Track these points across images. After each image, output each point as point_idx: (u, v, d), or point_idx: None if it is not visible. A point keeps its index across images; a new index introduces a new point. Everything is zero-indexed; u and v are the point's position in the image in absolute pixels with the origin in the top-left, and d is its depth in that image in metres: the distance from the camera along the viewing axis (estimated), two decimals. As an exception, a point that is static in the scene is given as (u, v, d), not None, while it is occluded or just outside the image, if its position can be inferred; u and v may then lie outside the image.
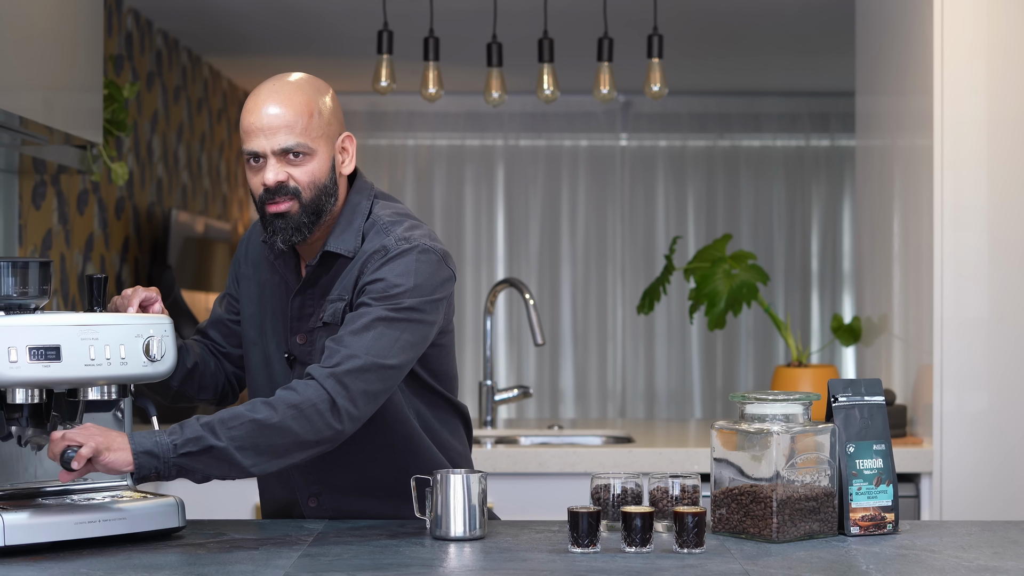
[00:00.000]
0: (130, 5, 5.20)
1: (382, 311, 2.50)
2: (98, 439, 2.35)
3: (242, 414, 2.42)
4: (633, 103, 7.59)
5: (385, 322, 2.49)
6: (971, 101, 3.76)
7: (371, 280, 2.54)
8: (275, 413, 2.42)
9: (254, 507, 3.81)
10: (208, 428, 2.40)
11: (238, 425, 2.41)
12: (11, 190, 3.92)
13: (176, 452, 2.38)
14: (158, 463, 2.37)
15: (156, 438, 2.38)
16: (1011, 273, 3.76)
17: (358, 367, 2.46)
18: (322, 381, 2.45)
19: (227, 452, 2.39)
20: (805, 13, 5.46)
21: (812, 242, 7.68)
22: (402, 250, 2.56)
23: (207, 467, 2.40)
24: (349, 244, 2.61)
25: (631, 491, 2.61)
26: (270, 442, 2.42)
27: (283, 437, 2.42)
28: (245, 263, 2.78)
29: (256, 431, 2.41)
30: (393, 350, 2.49)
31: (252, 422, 2.41)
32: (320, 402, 2.43)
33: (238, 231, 7.24)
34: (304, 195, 2.55)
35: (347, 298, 2.58)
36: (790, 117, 7.67)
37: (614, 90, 4.40)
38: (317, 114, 2.58)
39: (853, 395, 2.59)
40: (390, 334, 2.49)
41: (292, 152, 2.54)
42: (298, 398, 2.43)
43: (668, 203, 7.66)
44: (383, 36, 4.40)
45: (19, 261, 2.41)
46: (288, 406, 2.42)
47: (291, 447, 2.43)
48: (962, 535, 2.57)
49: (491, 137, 7.56)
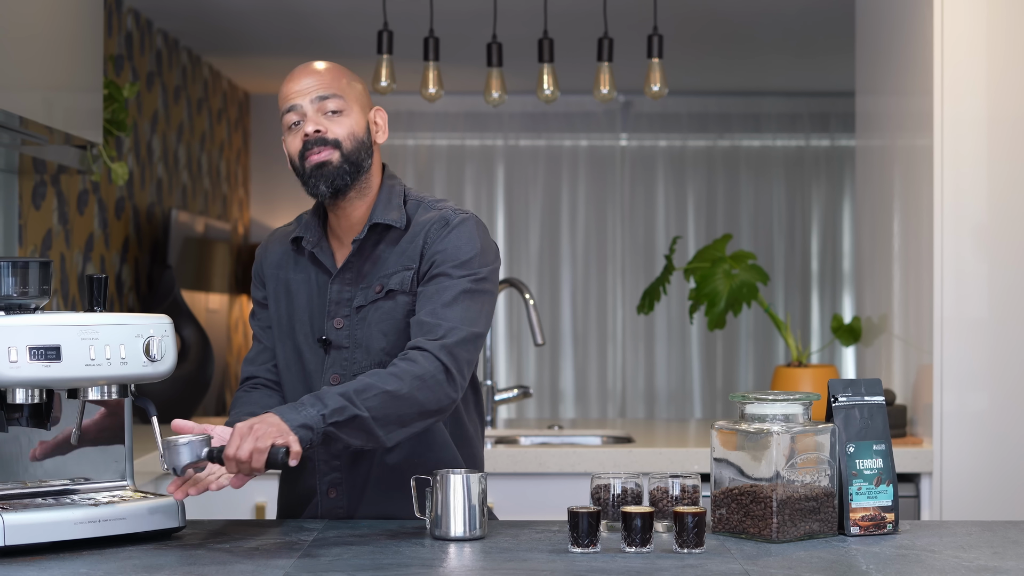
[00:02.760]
0: (130, 5, 5.20)
1: (465, 283, 2.63)
2: (271, 431, 2.39)
3: (373, 385, 2.50)
4: (633, 103, 7.59)
5: (468, 294, 2.62)
6: (971, 101, 3.76)
7: (442, 249, 2.66)
8: (403, 384, 2.51)
9: (254, 507, 3.81)
10: (347, 399, 2.47)
11: (372, 396, 2.48)
12: (11, 190, 3.92)
13: (325, 422, 2.44)
14: (312, 435, 2.43)
15: (302, 411, 2.44)
16: (1011, 273, 3.76)
17: (461, 338, 2.58)
18: (436, 353, 2.55)
19: (367, 422, 2.48)
20: (805, 13, 5.46)
21: (812, 242, 7.68)
22: (461, 220, 2.68)
23: (349, 436, 2.48)
24: (395, 216, 2.70)
25: (631, 491, 2.61)
26: (399, 412, 2.51)
27: (410, 407, 2.52)
28: (267, 266, 2.83)
29: (389, 401, 2.49)
30: (480, 319, 2.63)
31: (384, 393, 2.49)
32: (438, 372, 2.54)
33: (238, 231, 7.24)
34: (344, 145, 2.65)
35: (414, 267, 2.67)
36: (790, 117, 7.67)
37: (614, 90, 4.40)
38: (350, 80, 2.70)
39: (853, 395, 2.59)
40: (475, 304, 2.63)
41: (330, 105, 2.65)
42: (420, 369, 2.53)
43: (668, 203, 7.66)
44: (383, 36, 4.40)
45: (19, 261, 2.40)
46: (413, 377, 2.52)
47: (415, 416, 2.53)
48: (962, 535, 2.57)
49: (491, 137, 7.56)
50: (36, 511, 2.38)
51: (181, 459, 2.38)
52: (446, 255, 2.65)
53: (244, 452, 2.37)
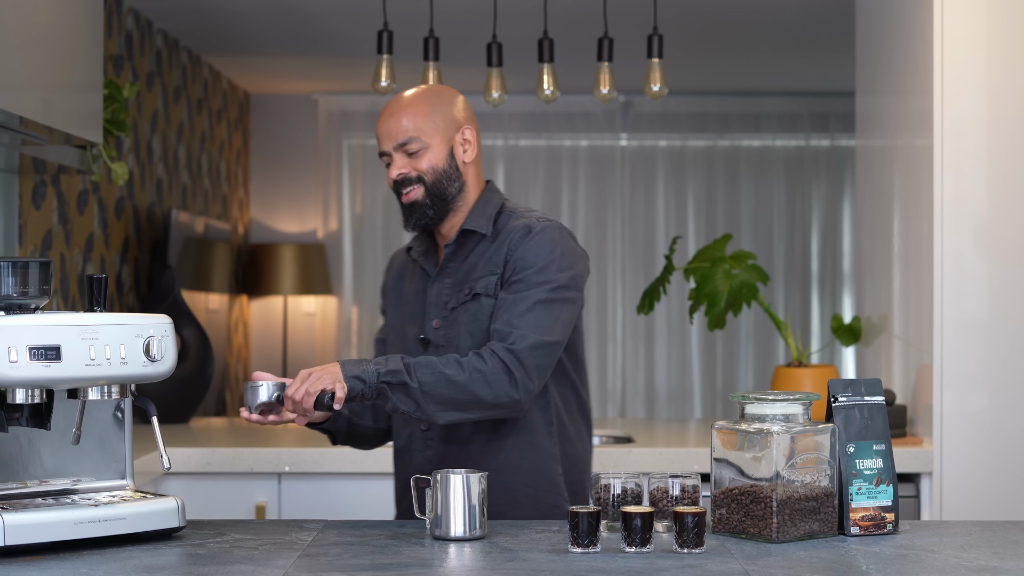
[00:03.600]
0: (130, 5, 5.20)
1: (541, 293, 2.85)
2: (326, 378, 2.74)
3: (435, 364, 2.78)
4: (633, 103, 7.59)
5: (544, 303, 2.84)
6: (971, 100, 3.76)
7: (522, 255, 2.89)
8: (462, 372, 2.77)
9: (254, 507, 3.82)
10: (407, 367, 2.77)
11: (429, 373, 2.77)
12: (11, 190, 3.92)
13: (379, 379, 2.75)
14: (364, 387, 2.75)
15: (364, 365, 2.76)
16: (1011, 273, 3.76)
17: (530, 344, 2.80)
18: (502, 355, 2.79)
19: (416, 393, 2.76)
20: (805, 13, 5.46)
21: (812, 242, 7.68)
22: (544, 227, 2.90)
23: (398, 400, 2.77)
24: (483, 224, 2.95)
25: (631, 491, 2.61)
26: (452, 395, 2.77)
27: (464, 395, 2.77)
28: (389, 279, 3.15)
29: (442, 383, 2.76)
30: (555, 327, 2.84)
31: (441, 375, 2.77)
32: (500, 371, 2.78)
33: (238, 231, 7.24)
34: (427, 179, 2.93)
35: (498, 272, 2.91)
36: (790, 117, 7.67)
37: (614, 90, 4.40)
38: (432, 111, 2.94)
39: (853, 395, 2.59)
40: (551, 313, 2.84)
41: (410, 148, 2.92)
42: (483, 364, 2.79)
43: (668, 203, 7.66)
44: (383, 36, 4.40)
45: (19, 261, 2.40)
46: (475, 370, 2.78)
47: (470, 404, 2.79)
48: (962, 535, 2.57)
49: (491, 137, 7.56)
50: (36, 511, 2.38)
51: (257, 398, 2.73)
52: (526, 261, 2.87)
53: (299, 394, 2.72)
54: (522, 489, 2.90)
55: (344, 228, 7.55)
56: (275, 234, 7.54)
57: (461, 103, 2.97)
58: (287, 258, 7.23)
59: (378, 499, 3.75)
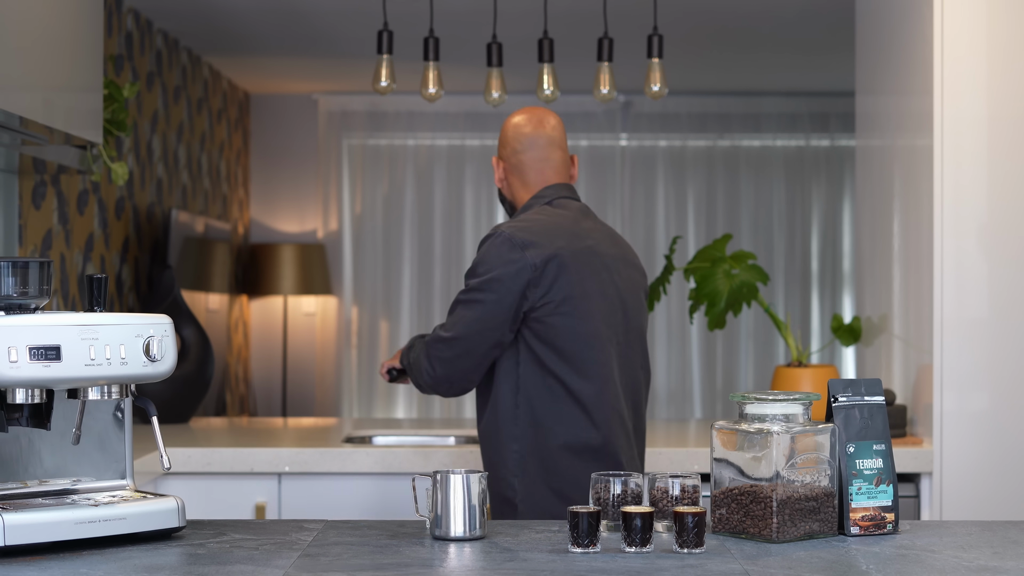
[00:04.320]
0: (130, 5, 5.20)
1: (459, 294, 3.23)
2: (396, 356, 3.46)
3: (419, 347, 3.32)
4: (633, 103, 7.59)
5: (459, 303, 3.23)
6: (971, 100, 3.76)
7: None
8: (416, 356, 3.31)
9: (254, 507, 3.82)
10: (405, 351, 3.38)
11: (412, 356, 3.33)
12: (11, 190, 3.92)
13: (406, 357, 3.37)
14: (403, 364, 3.38)
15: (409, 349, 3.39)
16: (1012, 273, 3.76)
17: (432, 338, 3.26)
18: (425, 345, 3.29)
19: (408, 371, 3.35)
20: (805, 13, 5.46)
21: (812, 242, 7.68)
22: (488, 236, 3.24)
23: (412, 375, 3.34)
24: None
25: (631, 491, 2.61)
26: (413, 375, 3.33)
27: (414, 375, 3.32)
28: None
29: (412, 365, 3.32)
30: (457, 325, 3.20)
31: (415, 358, 3.31)
32: (423, 358, 3.27)
33: (238, 231, 7.24)
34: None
35: None
36: (790, 117, 7.67)
37: (614, 90, 4.40)
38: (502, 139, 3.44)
39: (853, 395, 2.59)
40: (457, 311, 3.22)
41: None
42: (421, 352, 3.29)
43: (668, 203, 7.66)
44: (383, 36, 4.40)
45: (19, 261, 2.40)
46: (416, 355, 3.31)
47: (418, 384, 3.31)
48: (962, 535, 2.57)
49: (491, 137, 7.55)
50: (36, 511, 2.38)
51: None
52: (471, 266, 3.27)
53: (382, 370, 3.49)
54: (486, 453, 3.27)
55: (344, 228, 7.55)
56: (275, 234, 7.54)
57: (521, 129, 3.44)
58: (287, 258, 7.23)
59: (378, 499, 3.75)
